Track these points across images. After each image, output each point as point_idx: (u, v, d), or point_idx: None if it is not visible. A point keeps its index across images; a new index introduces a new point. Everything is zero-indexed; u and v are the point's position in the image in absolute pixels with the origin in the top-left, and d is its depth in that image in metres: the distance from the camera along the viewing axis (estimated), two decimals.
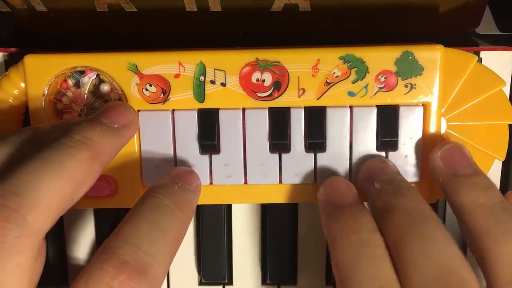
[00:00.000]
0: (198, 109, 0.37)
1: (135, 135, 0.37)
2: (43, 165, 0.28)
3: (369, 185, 0.35)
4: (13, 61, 0.39)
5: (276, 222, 0.42)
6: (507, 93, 0.39)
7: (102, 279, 0.27)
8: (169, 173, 0.35)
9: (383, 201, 0.33)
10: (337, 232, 0.32)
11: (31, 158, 0.29)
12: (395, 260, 0.30)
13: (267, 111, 0.37)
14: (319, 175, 0.38)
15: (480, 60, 0.39)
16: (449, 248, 0.30)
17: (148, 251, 0.29)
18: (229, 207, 0.42)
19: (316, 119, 0.37)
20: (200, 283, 0.43)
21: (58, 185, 0.28)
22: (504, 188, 0.41)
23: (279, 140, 0.37)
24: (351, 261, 0.30)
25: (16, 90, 0.37)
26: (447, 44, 0.36)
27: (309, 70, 0.36)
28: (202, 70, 0.36)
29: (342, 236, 0.31)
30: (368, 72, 0.36)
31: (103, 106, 0.35)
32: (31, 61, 0.36)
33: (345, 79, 0.36)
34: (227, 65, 0.36)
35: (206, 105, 0.37)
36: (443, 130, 0.38)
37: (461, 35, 0.40)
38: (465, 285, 0.28)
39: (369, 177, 0.36)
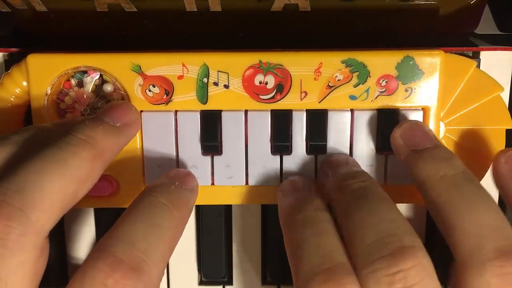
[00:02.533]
0: (201, 110, 0.37)
1: (138, 135, 0.37)
2: (46, 164, 0.29)
3: (325, 177, 0.36)
4: (13, 61, 0.39)
5: (276, 222, 0.41)
6: (507, 94, 0.40)
7: (96, 278, 0.27)
8: (167, 174, 0.35)
9: (333, 184, 0.34)
10: (288, 213, 0.34)
11: (34, 156, 0.29)
12: (343, 234, 0.32)
13: (269, 114, 0.37)
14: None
15: (479, 60, 0.39)
16: (391, 215, 0.31)
17: (143, 249, 0.29)
18: (229, 207, 0.42)
19: (317, 122, 0.37)
20: (200, 283, 0.43)
21: (61, 184, 0.28)
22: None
23: (280, 142, 0.37)
24: (298, 237, 0.32)
25: (18, 89, 0.37)
26: (447, 45, 0.37)
27: (312, 74, 0.36)
28: (205, 71, 0.36)
29: (291, 215, 0.33)
30: (370, 76, 0.36)
31: (106, 105, 0.35)
32: (34, 60, 0.36)
33: (346, 82, 0.36)
34: (230, 67, 0.36)
35: (209, 106, 0.37)
36: (441, 134, 0.38)
37: (461, 35, 0.41)
38: (406, 247, 0.29)
39: (327, 171, 0.36)
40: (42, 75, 0.37)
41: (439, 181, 0.32)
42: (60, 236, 0.42)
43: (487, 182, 0.38)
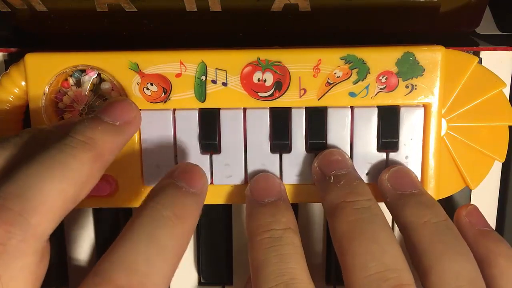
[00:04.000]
0: (199, 108, 0.37)
1: (136, 134, 0.37)
2: (46, 167, 0.28)
3: (322, 175, 0.36)
4: (13, 61, 0.39)
5: None
6: (507, 94, 0.39)
7: None
8: (172, 172, 0.33)
9: (334, 197, 0.34)
10: (253, 229, 0.33)
11: (34, 159, 0.28)
12: (339, 256, 0.32)
13: (268, 111, 0.37)
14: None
15: (480, 60, 0.39)
16: (392, 248, 0.31)
17: (145, 272, 0.27)
18: (229, 207, 0.42)
19: (317, 119, 0.37)
20: (200, 283, 0.43)
21: (61, 187, 0.28)
22: (504, 189, 0.41)
23: (280, 140, 0.37)
24: (260, 258, 0.31)
25: (17, 89, 0.37)
26: (447, 44, 0.36)
27: (311, 70, 0.36)
28: (203, 69, 0.36)
29: (256, 234, 0.33)
30: (369, 73, 0.36)
31: (105, 103, 0.34)
32: (32, 59, 0.36)
33: (346, 79, 0.36)
34: (228, 64, 0.36)
35: (207, 104, 0.37)
36: (443, 131, 0.38)
37: (461, 35, 0.41)
38: (403, 283, 0.29)
39: (323, 167, 0.36)
40: (40, 74, 0.37)
41: (422, 227, 0.33)
42: (59, 236, 0.42)
43: (489, 180, 0.37)
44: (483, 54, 0.39)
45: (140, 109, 0.36)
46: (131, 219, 0.30)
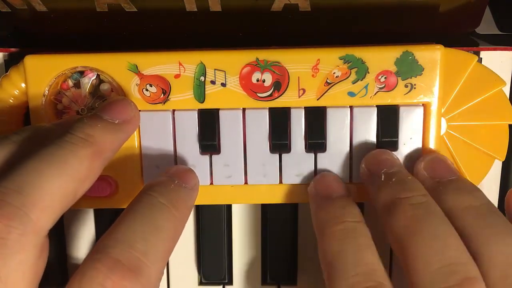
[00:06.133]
0: (198, 109, 0.37)
1: (136, 135, 0.37)
2: (46, 163, 0.28)
3: (371, 175, 0.35)
4: (13, 61, 0.39)
5: (276, 222, 0.42)
6: (507, 93, 0.39)
7: (95, 279, 0.27)
8: (167, 171, 0.35)
9: (387, 194, 0.33)
10: (325, 221, 0.33)
11: (34, 156, 0.29)
12: (399, 255, 0.31)
13: (267, 111, 0.37)
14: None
15: (480, 60, 0.39)
16: (454, 242, 0.30)
17: (142, 249, 0.28)
18: (229, 207, 0.42)
19: (316, 119, 0.37)
20: (200, 283, 0.43)
21: (60, 183, 0.28)
22: (504, 188, 0.41)
23: (279, 140, 0.37)
24: (335, 249, 0.31)
25: (17, 91, 0.37)
26: (447, 44, 0.36)
27: (309, 70, 0.36)
28: (202, 70, 0.36)
29: (329, 226, 0.32)
30: (368, 72, 0.36)
31: (104, 102, 0.34)
32: (31, 61, 0.37)
33: (345, 79, 0.36)
34: (227, 65, 0.36)
35: (206, 105, 0.37)
36: (443, 130, 0.38)
37: (461, 35, 0.40)
38: (471, 276, 0.29)
39: (373, 167, 0.36)
40: (40, 76, 0.37)
41: (465, 212, 0.32)
42: (60, 236, 0.42)
43: (489, 179, 0.37)
44: (483, 54, 0.39)
45: (140, 110, 0.37)
46: (128, 205, 0.31)
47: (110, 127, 0.32)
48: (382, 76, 0.36)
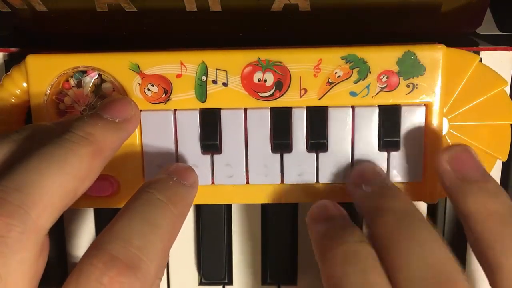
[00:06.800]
0: (200, 109, 0.37)
1: (137, 135, 0.37)
2: (46, 161, 0.28)
3: (355, 188, 0.35)
4: (13, 61, 0.39)
5: (276, 222, 0.42)
6: (508, 93, 0.39)
7: (92, 275, 0.27)
8: (166, 169, 0.35)
9: (370, 203, 0.33)
10: (326, 244, 0.32)
11: (34, 154, 0.29)
12: (384, 263, 0.30)
13: (269, 111, 0.37)
14: (321, 175, 0.38)
15: (480, 60, 0.39)
16: (438, 248, 0.30)
17: (139, 246, 0.28)
18: (229, 207, 0.42)
19: (318, 119, 0.37)
20: (200, 283, 0.43)
21: (60, 181, 0.28)
22: (504, 188, 0.41)
23: (281, 140, 0.37)
24: (338, 274, 0.30)
25: (18, 90, 0.37)
26: (447, 44, 0.36)
27: (311, 70, 0.36)
28: (204, 70, 0.36)
29: (331, 248, 0.31)
30: (370, 72, 0.36)
31: (104, 100, 0.34)
32: (33, 61, 0.36)
33: (347, 79, 0.36)
34: (229, 65, 0.36)
35: (208, 105, 0.37)
36: (445, 130, 0.38)
37: (461, 35, 0.40)
38: (454, 285, 0.28)
39: (357, 180, 0.35)
40: (41, 76, 0.37)
41: (488, 218, 0.31)
42: (60, 235, 0.42)
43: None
44: (483, 54, 0.39)
45: (141, 110, 0.37)
46: (127, 202, 0.31)
47: (111, 125, 0.32)
48: (384, 76, 0.36)
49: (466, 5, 0.36)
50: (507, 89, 0.39)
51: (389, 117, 0.36)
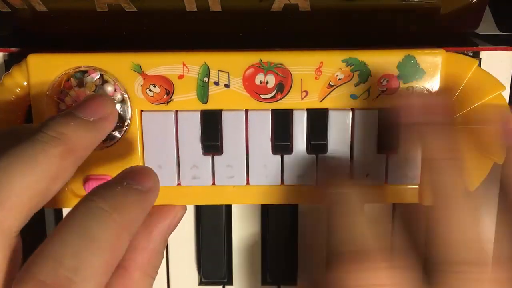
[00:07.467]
0: (201, 110, 0.37)
1: (138, 135, 0.37)
2: (14, 161, 0.28)
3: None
4: (13, 61, 0.39)
5: (276, 222, 0.42)
6: (507, 93, 0.39)
7: None
8: (120, 173, 0.31)
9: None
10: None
11: (2, 154, 0.28)
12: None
13: (270, 113, 0.37)
14: (321, 177, 0.38)
15: (480, 60, 0.39)
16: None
17: (71, 266, 0.25)
18: (229, 207, 0.42)
19: (318, 121, 0.37)
20: (200, 283, 0.43)
21: (29, 182, 0.28)
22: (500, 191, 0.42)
23: (281, 142, 0.37)
24: None
25: (19, 89, 0.37)
26: (447, 45, 0.37)
27: (312, 73, 0.36)
28: (206, 71, 0.36)
29: None
30: (371, 75, 0.36)
31: (81, 100, 0.33)
32: (34, 60, 0.36)
33: (347, 82, 0.36)
34: (231, 66, 0.36)
35: (210, 106, 0.37)
36: None
37: (461, 35, 0.41)
38: None
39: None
40: (42, 75, 0.37)
41: None
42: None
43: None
44: (483, 54, 0.39)
45: (143, 111, 0.37)
46: (65, 216, 0.29)
47: (85, 125, 0.31)
48: (384, 80, 0.36)
49: (465, 7, 0.37)
50: (507, 91, 0.39)
51: (389, 120, 0.37)
